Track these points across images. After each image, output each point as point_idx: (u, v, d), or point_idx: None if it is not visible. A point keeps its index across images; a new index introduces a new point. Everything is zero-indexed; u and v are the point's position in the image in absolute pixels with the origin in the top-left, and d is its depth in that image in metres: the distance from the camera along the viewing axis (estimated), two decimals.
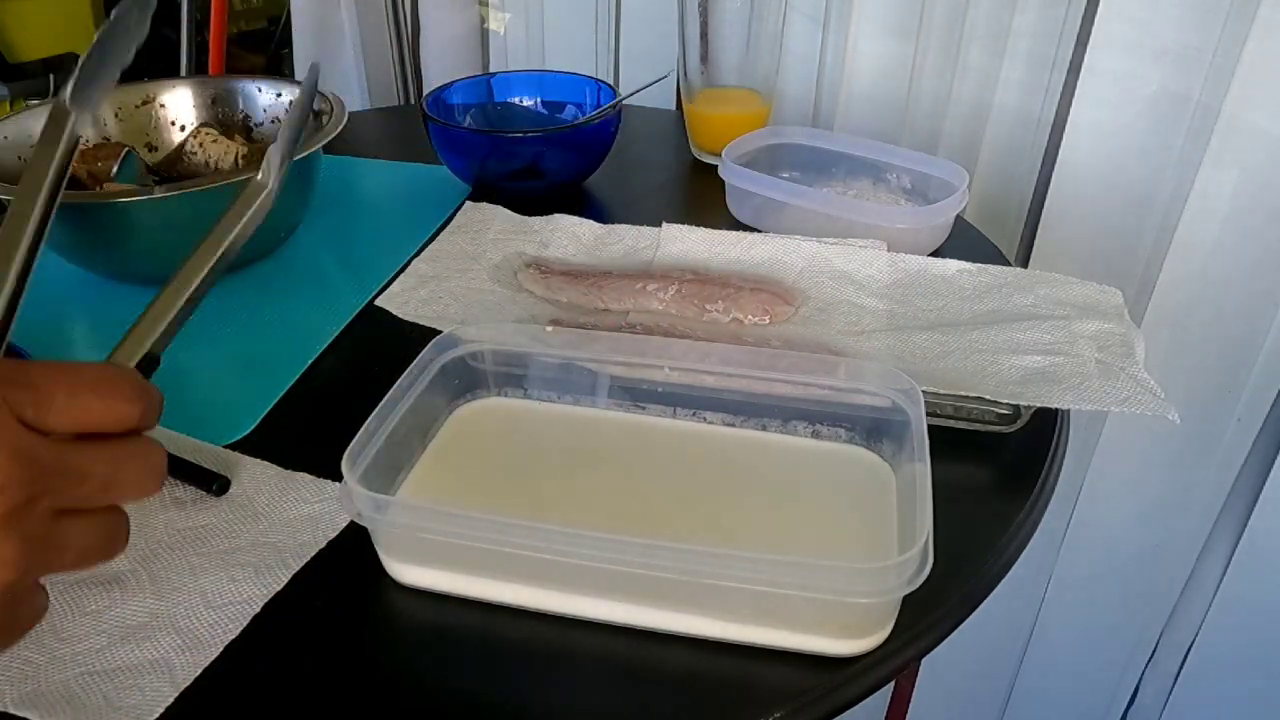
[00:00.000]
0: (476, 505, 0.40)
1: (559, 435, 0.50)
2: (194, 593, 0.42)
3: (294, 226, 0.71)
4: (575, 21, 1.05)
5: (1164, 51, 0.72)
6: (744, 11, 0.77)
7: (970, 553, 0.44)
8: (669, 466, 0.47)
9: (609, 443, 0.49)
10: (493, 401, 0.51)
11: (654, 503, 0.45)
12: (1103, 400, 0.49)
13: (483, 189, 0.77)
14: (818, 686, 0.38)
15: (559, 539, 0.37)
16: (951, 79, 0.84)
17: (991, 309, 0.58)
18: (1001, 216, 0.86)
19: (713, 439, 0.49)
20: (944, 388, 0.50)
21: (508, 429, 0.50)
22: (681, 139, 0.87)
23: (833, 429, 0.48)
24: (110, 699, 0.37)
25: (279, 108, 0.76)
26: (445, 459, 0.47)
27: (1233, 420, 0.80)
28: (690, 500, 0.45)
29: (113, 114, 0.74)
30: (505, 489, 0.46)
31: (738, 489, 0.46)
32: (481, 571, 0.41)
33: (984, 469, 0.50)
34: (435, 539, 0.40)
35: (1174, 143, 0.74)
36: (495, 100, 0.83)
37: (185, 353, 0.60)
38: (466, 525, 0.38)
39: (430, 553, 0.41)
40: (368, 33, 1.14)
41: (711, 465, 0.47)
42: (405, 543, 0.42)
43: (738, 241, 0.65)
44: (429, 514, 0.40)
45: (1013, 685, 1.06)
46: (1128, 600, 0.94)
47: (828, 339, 0.56)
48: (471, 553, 0.40)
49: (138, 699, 0.37)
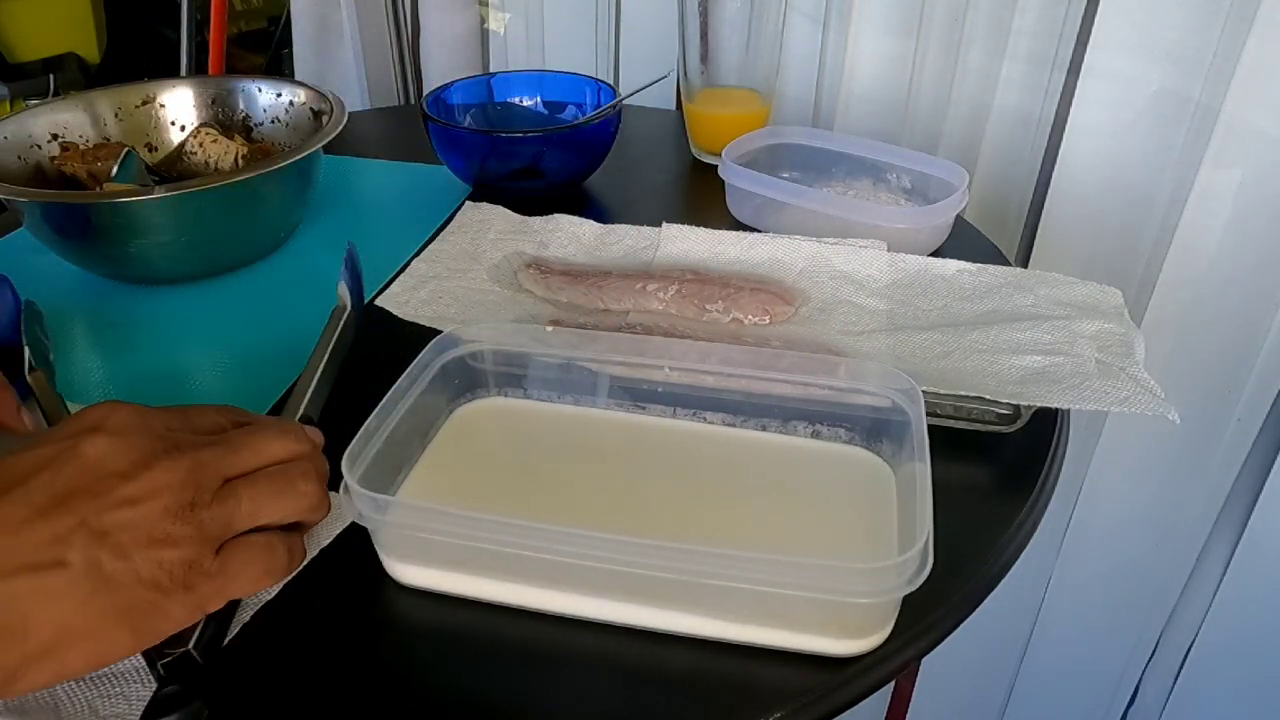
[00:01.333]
0: (477, 505, 0.40)
1: (559, 435, 0.50)
2: None
3: (294, 226, 0.71)
4: (575, 21, 1.05)
5: (1164, 51, 0.72)
6: (744, 11, 0.77)
7: (970, 553, 0.44)
8: (669, 466, 0.47)
9: (609, 443, 0.49)
10: (493, 401, 0.51)
11: (654, 503, 0.45)
12: (1103, 400, 0.49)
13: (483, 189, 0.77)
14: (818, 686, 0.38)
15: (559, 539, 0.37)
16: (951, 79, 0.84)
17: (991, 309, 0.58)
18: (1001, 216, 0.86)
19: (713, 439, 0.49)
20: (944, 388, 0.50)
21: (508, 429, 0.50)
22: (681, 139, 0.87)
23: (833, 429, 0.48)
24: (94, 706, 0.37)
25: (279, 108, 0.76)
26: (445, 459, 0.47)
27: (1233, 420, 0.80)
28: (690, 500, 0.45)
29: (113, 114, 0.74)
30: (506, 489, 0.46)
31: (738, 489, 0.46)
32: (481, 571, 0.41)
33: (984, 469, 0.50)
34: (435, 539, 0.40)
35: (1174, 143, 0.74)
36: (495, 100, 0.83)
37: (186, 352, 0.60)
38: (466, 525, 0.38)
39: (430, 553, 0.41)
40: (368, 33, 1.14)
41: (711, 465, 0.47)
42: (405, 543, 0.42)
43: (738, 241, 0.65)
44: (429, 514, 0.40)
45: (1013, 685, 1.06)
46: (1128, 600, 0.94)
47: (828, 339, 0.56)
48: (471, 553, 0.40)
49: (123, 707, 0.37)
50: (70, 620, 0.32)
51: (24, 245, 0.68)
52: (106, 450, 0.34)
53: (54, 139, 0.70)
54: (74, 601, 0.32)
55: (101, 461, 0.34)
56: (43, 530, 0.32)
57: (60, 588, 0.32)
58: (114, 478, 0.33)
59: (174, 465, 0.34)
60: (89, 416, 0.36)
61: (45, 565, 0.32)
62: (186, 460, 0.35)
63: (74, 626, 0.32)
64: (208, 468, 0.35)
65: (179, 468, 0.34)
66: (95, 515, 0.33)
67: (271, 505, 0.37)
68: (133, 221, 0.60)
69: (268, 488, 0.37)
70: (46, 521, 0.32)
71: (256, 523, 0.37)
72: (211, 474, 0.36)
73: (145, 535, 0.33)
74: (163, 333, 0.62)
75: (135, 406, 0.37)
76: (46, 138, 0.70)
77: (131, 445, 0.34)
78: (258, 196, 0.64)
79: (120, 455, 0.34)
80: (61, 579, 0.32)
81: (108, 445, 0.34)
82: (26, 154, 0.68)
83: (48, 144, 0.70)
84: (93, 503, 0.33)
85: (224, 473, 0.36)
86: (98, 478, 0.33)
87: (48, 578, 0.32)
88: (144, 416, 0.36)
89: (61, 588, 0.32)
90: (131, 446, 0.34)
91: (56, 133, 0.70)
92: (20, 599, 0.31)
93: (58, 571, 0.32)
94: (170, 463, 0.34)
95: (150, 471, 0.34)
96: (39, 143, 0.69)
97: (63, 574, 0.32)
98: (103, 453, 0.34)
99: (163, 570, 0.33)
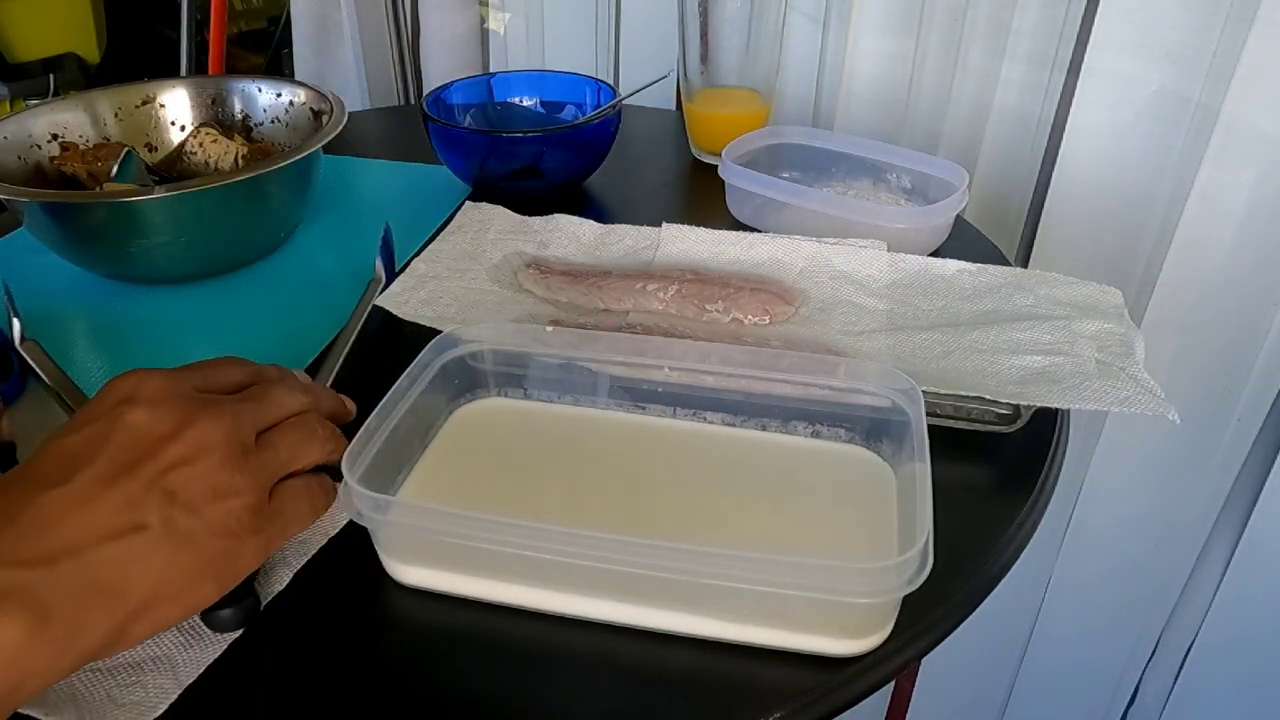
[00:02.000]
0: (477, 505, 0.40)
1: (559, 435, 0.50)
2: None
3: (294, 226, 0.71)
4: (575, 21, 1.05)
5: (1164, 51, 0.72)
6: (744, 11, 0.77)
7: (970, 553, 0.44)
8: (669, 466, 0.47)
9: (609, 443, 0.49)
10: (493, 402, 0.51)
11: (653, 503, 0.45)
12: (1103, 400, 0.49)
13: (483, 189, 0.77)
14: (818, 686, 0.38)
15: (558, 539, 0.37)
16: (951, 79, 0.84)
17: (991, 309, 0.58)
18: (1001, 216, 0.86)
19: (713, 439, 0.49)
20: (944, 388, 0.50)
21: (508, 429, 0.50)
22: (681, 139, 0.87)
23: (833, 429, 0.48)
24: (113, 696, 0.37)
25: (279, 108, 0.76)
26: (446, 459, 0.47)
27: (1233, 420, 0.80)
28: (690, 500, 0.45)
29: (113, 114, 0.74)
30: (505, 489, 0.46)
31: (737, 489, 0.46)
32: (481, 571, 0.41)
33: (984, 469, 0.50)
34: (435, 539, 0.40)
35: (1174, 143, 0.74)
36: (495, 100, 0.83)
37: (186, 352, 0.60)
38: (466, 525, 0.38)
39: (430, 553, 0.41)
40: (368, 33, 1.14)
41: (711, 465, 0.47)
42: (405, 542, 0.42)
43: (738, 241, 0.65)
44: (429, 514, 0.40)
45: (1013, 685, 1.06)
46: (1128, 600, 0.94)
47: (828, 339, 0.56)
48: (471, 553, 0.40)
49: (140, 695, 0.37)
50: (163, 576, 0.35)
51: (24, 245, 0.68)
52: (149, 418, 0.36)
53: (54, 139, 0.70)
54: (161, 559, 0.34)
55: (149, 428, 0.36)
56: (116, 498, 0.34)
57: (146, 548, 0.34)
58: (164, 440, 0.36)
59: (216, 422, 0.37)
60: (119, 389, 0.37)
61: (127, 530, 0.34)
62: (226, 417, 0.37)
63: (167, 580, 0.35)
64: (244, 420, 0.38)
65: (221, 424, 0.37)
66: (159, 477, 0.35)
67: (302, 450, 0.40)
68: (133, 221, 0.60)
69: (295, 436, 0.40)
70: (118, 490, 0.34)
71: (294, 467, 0.40)
72: (248, 427, 0.38)
73: (209, 489, 0.36)
74: (163, 333, 0.62)
75: (160, 371, 0.38)
76: (46, 138, 0.70)
77: (171, 409, 0.37)
78: (258, 196, 0.64)
79: (164, 420, 0.36)
80: (144, 540, 0.34)
81: (149, 413, 0.36)
82: (26, 154, 0.68)
83: (48, 144, 0.70)
84: (152, 466, 0.35)
85: (257, 425, 0.39)
86: (150, 443, 0.36)
87: (133, 541, 0.34)
88: (172, 380, 0.38)
89: (147, 548, 0.34)
90: (171, 411, 0.37)
91: (56, 133, 0.70)
92: (114, 563, 0.34)
93: (140, 534, 0.34)
94: (211, 421, 0.37)
95: (195, 429, 0.36)
96: (39, 143, 0.69)
97: (144, 535, 0.34)
98: (146, 420, 0.36)
99: (231, 518, 0.36)
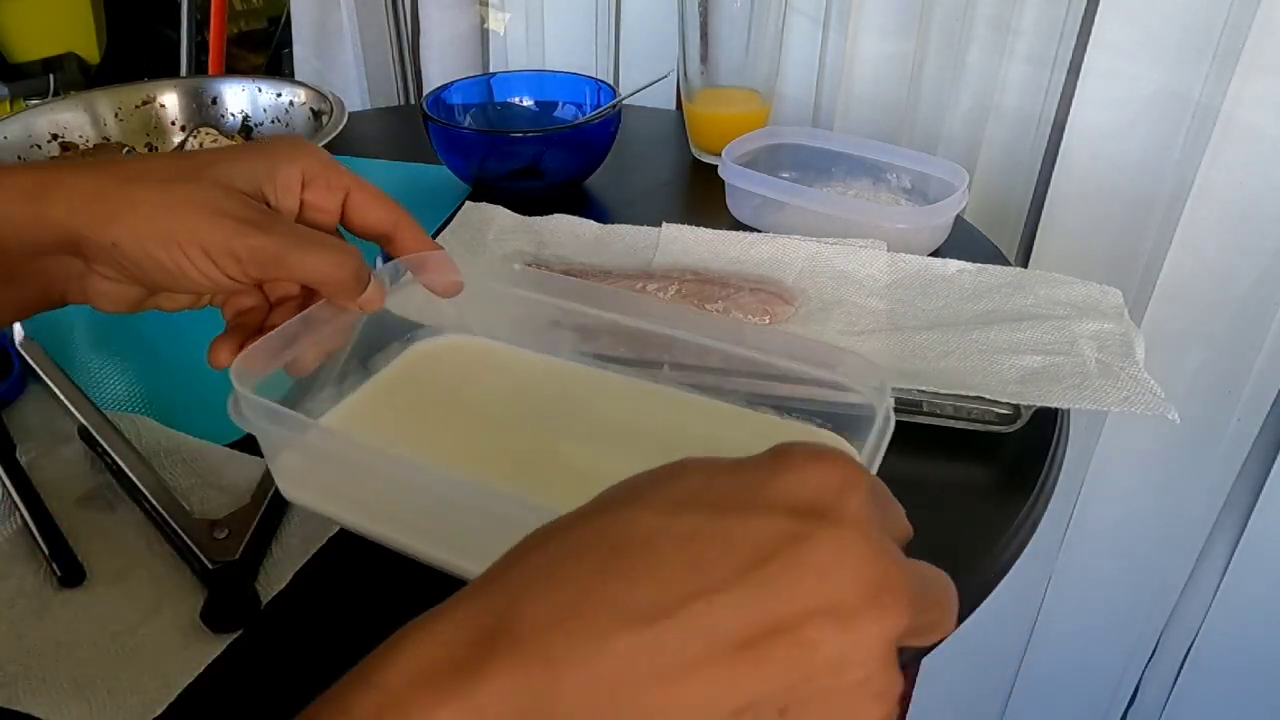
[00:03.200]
0: (394, 439, 0.37)
1: (514, 382, 0.46)
2: (198, 589, 0.42)
3: None
4: (575, 21, 1.05)
5: (1164, 51, 0.72)
6: (744, 11, 0.77)
7: (970, 553, 0.44)
8: (626, 428, 0.44)
9: (562, 394, 0.46)
10: (455, 338, 0.48)
11: (588, 462, 0.41)
12: (1102, 400, 0.49)
13: (483, 189, 0.77)
14: None
15: (466, 491, 0.33)
16: (951, 79, 0.84)
17: (991, 309, 0.58)
18: (1001, 216, 0.86)
19: (669, 401, 0.45)
20: (944, 388, 0.50)
21: (463, 371, 0.47)
22: (681, 139, 0.87)
23: (803, 414, 0.45)
24: (114, 694, 0.37)
25: (279, 108, 0.76)
26: (389, 393, 0.44)
27: (1233, 420, 0.80)
28: (619, 461, 0.42)
29: (113, 114, 0.74)
30: (442, 434, 0.43)
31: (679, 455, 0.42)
32: (365, 508, 0.38)
33: (984, 469, 0.50)
34: (319, 462, 0.37)
35: (1174, 143, 0.74)
36: (495, 100, 0.83)
37: (186, 352, 0.60)
38: (363, 456, 0.35)
39: (316, 476, 0.39)
40: (368, 33, 1.14)
41: (658, 428, 0.44)
42: (297, 463, 0.39)
43: (738, 241, 0.65)
44: (309, 430, 0.37)
45: (1013, 685, 1.06)
46: (1128, 600, 0.94)
47: (827, 339, 0.56)
48: (367, 492, 0.38)
49: (141, 695, 0.37)
50: None
51: None
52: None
53: (54, 139, 0.70)
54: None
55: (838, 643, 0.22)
56: (724, 685, 0.21)
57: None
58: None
59: (899, 616, 0.23)
60: (824, 499, 0.23)
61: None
62: (911, 609, 0.23)
63: None
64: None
65: (902, 619, 0.23)
66: (803, 684, 0.21)
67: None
68: None
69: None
70: (735, 677, 0.21)
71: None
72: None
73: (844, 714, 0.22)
74: (163, 333, 0.62)
75: (870, 514, 0.23)
76: (46, 138, 0.70)
77: (884, 608, 0.22)
78: None
79: (874, 643, 0.22)
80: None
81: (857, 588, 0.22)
82: (26, 154, 0.69)
83: (48, 144, 0.70)
84: (803, 664, 0.21)
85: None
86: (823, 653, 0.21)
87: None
88: (881, 543, 0.23)
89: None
90: (884, 612, 0.22)
91: (56, 133, 0.70)
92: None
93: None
94: (895, 617, 0.22)
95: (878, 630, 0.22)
96: (39, 143, 0.69)
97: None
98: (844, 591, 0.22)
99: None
